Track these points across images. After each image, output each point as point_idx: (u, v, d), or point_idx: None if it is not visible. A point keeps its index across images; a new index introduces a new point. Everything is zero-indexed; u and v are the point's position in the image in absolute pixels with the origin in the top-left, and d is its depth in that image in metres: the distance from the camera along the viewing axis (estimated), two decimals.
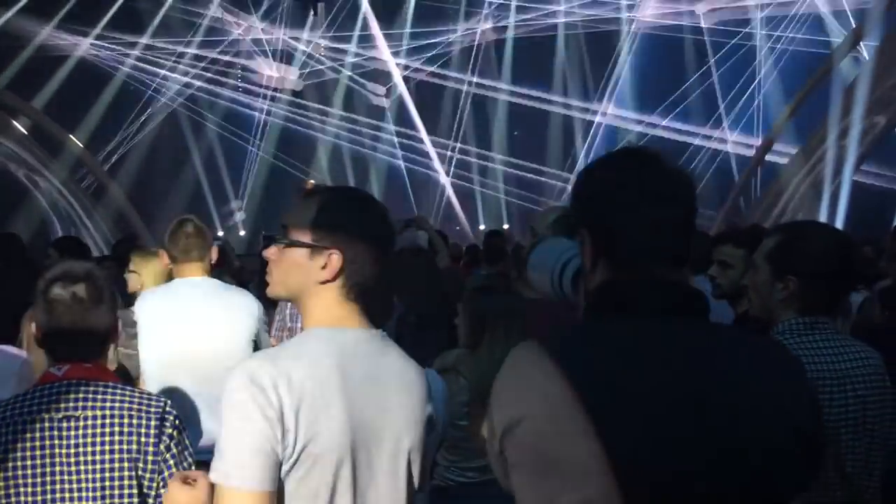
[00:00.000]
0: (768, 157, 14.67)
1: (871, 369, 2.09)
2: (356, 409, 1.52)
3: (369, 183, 18.34)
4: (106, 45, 16.39)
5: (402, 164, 18.54)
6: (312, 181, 16.15)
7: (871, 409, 2.07)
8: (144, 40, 16.73)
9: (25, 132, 15.03)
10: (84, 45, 16.18)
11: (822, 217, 12.04)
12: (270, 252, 1.66)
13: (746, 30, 16.09)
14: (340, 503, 1.51)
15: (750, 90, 16.14)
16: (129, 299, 3.67)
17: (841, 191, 12.00)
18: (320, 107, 18.43)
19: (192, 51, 17.59)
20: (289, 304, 4.03)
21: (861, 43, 12.61)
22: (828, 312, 2.13)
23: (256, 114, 18.30)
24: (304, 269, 1.61)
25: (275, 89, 18.24)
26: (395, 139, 18.47)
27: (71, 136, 15.49)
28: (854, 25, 13.18)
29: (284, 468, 1.47)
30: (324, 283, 1.60)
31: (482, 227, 17.18)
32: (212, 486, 1.48)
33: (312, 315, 1.62)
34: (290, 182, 17.76)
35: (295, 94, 18.51)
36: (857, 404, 2.05)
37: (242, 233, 17.08)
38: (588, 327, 1.40)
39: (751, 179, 14.99)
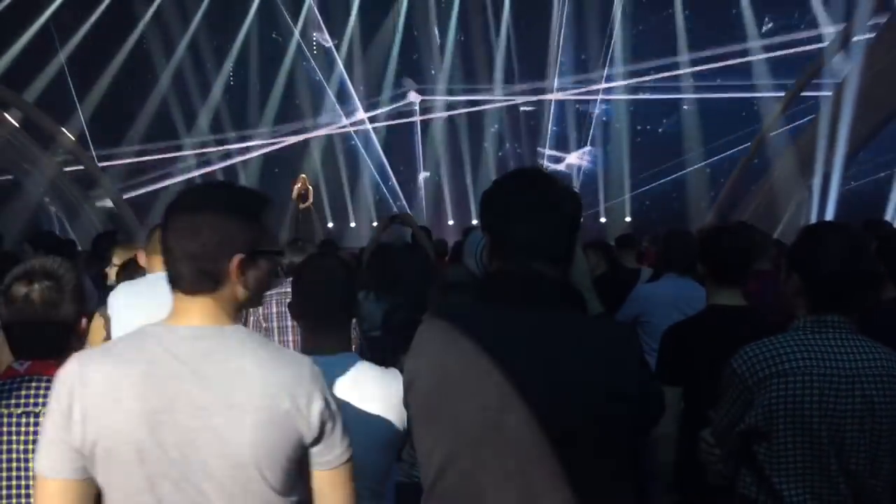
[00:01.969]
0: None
1: (883, 370, 2.12)
2: (156, 406, 1.51)
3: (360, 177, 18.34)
4: None
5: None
6: (304, 175, 16.07)
7: (880, 409, 2.10)
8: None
9: (17, 125, 14.99)
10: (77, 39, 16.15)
11: (813, 213, 12.08)
12: None
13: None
14: (145, 501, 1.52)
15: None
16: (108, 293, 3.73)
17: (830, 187, 12.02)
18: None
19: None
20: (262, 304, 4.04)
21: (851, 41, 12.59)
22: (840, 311, 2.16)
23: None
24: None
25: None
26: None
27: (63, 129, 15.46)
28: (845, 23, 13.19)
29: (89, 463, 1.53)
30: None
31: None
32: None
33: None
34: (281, 176, 17.76)
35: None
36: (865, 403, 2.09)
37: None
38: (472, 310, 1.80)
39: (742, 176, 15.00)
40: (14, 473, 1.85)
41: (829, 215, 11.93)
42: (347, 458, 1.67)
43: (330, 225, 17.58)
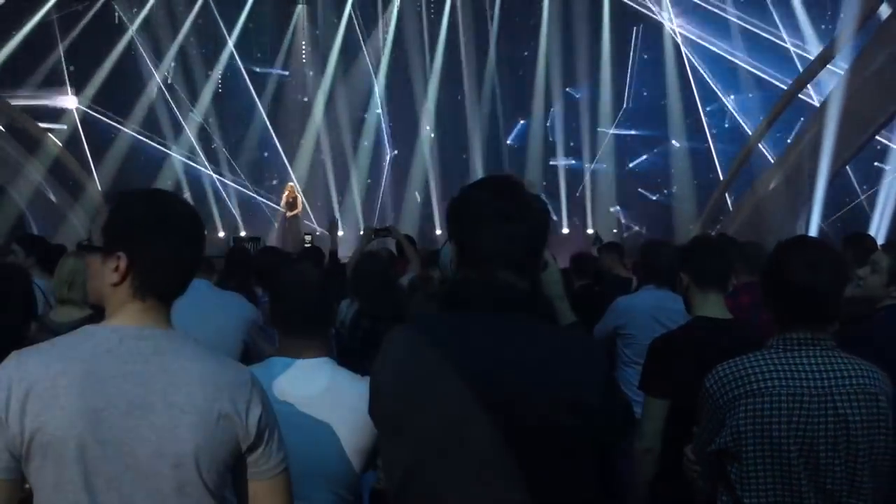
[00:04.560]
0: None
1: (858, 387, 2.09)
2: (96, 404, 1.52)
3: (349, 184, 18.28)
4: None
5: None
6: (292, 184, 16.06)
7: (855, 427, 2.07)
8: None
9: (2, 129, 14.89)
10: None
11: (801, 225, 12.15)
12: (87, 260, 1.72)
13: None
14: (79, 498, 1.51)
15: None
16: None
17: (815, 200, 12.10)
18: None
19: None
20: None
21: (835, 58, 12.71)
22: (807, 327, 2.13)
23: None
24: (101, 273, 1.65)
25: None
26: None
27: (49, 133, 15.37)
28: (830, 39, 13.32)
29: (23, 461, 1.53)
30: (115, 285, 1.62)
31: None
32: None
33: (108, 318, 1.65)
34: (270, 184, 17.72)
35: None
36: (838, 422, 2.06)
37: (221, 234, 16.95)
38: (435, 318, 1.80)
39: (728, 189, 15.08)
40: None
41: (814, 230, 12.01)
42: (284, 468, 1.69)
43: (318, 233, 17.53)
